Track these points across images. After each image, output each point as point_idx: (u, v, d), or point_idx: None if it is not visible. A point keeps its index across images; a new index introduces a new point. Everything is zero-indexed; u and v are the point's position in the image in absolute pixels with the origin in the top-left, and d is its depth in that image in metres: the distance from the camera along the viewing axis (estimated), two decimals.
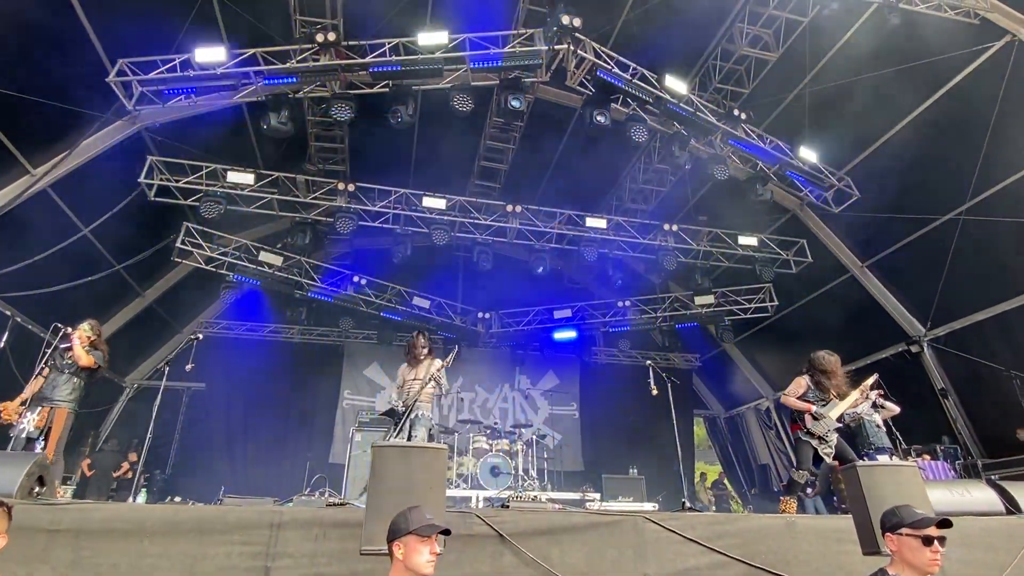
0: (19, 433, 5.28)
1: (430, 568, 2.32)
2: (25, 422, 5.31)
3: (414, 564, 2.31)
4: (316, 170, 10.93)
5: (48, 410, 5.42)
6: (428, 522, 2.37)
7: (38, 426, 5.33)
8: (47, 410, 5.41)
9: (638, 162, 12.13)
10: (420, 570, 2.31)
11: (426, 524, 2.35)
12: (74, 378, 5.62)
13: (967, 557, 3.98)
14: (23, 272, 8.27)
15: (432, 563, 2.33)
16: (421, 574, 2.31)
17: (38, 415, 5.36)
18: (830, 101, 9.22)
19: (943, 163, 8.58)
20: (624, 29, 9.00)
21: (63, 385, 5.53)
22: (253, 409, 13.40)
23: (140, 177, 8.95)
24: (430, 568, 2.32)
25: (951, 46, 7.70)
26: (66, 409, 5.51)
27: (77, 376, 5.64)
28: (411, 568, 2.32)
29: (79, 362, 5.57)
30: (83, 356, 5.58)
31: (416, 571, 2.32)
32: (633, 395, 13.77)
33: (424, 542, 2.33)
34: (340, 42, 7.72)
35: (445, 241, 10.33)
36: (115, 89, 7.51)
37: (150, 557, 3.39)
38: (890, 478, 3.57)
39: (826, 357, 5.58)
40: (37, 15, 6.80)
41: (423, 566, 2.31)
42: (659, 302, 13.45)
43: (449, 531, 2.42)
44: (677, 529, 3.96)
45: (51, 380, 5.54)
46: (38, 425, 5.33)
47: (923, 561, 2.33)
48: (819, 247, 11.23)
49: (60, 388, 5.51)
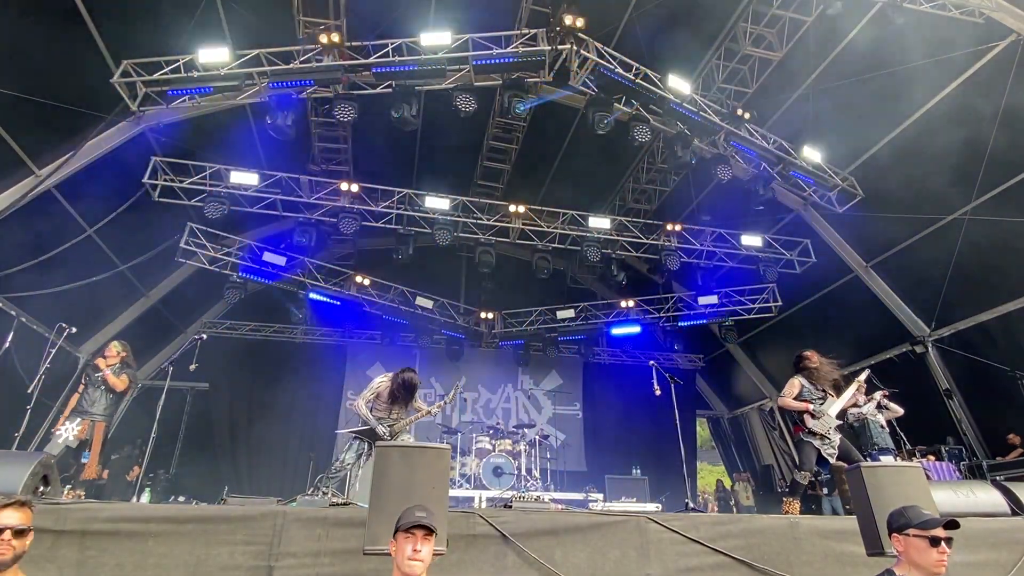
0: (57, 439, 5.48)
1: (414, 568, 2.24)
2: (64, 430, 5.52)
3: (398, 562, 2.27)
4: (319, 170, 10.96)
5: (88, 423, 5.65)
6: (415, 518, 2.30)
7: (79, 437, 5.54)
8: (87, 423, 5.64)
9: (641, 162, 12.13)
10: (403, 568, 2.25)
11: (407, 520, 2.30)
12: (109, 394, 5.88)
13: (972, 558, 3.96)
14: (28, 272, 8.31)
15: (415, 560, 2.24)
16: (405, 573, 2.25)
17: (79, 427, 5.57)
18: (834, 100, 9.20)
19: (948, 163, 8.53)
20: (627, 29, 8.99)
21: (99, 400, 5.80)
22: (256, 409, 13.43)
23: (144, 177, 8.99)
24: (414, 568, 2.24)
25: (956, 45, 7.66)
26: (103, 423, 5.78)
27: (111, 392, 5.89)
28: (397, 566, 2.27)
29: (115, 388, 5.83)
30: (117, 382, 5.84)
31: (400, 569, 2.26)
32: (636, 395, 13.72)
33: (407, 539, 2.28)
34: (343, 43, 7.74)
35: (448, 241, 10.33)
36: (119, 90, 7.54)
37: (154, 556, 3.40)
38: (894, 479, 3.55)
39: (807, 354, 5.74)
40: (42, 17, 6.83)
41: (405, 564, 2.25)
42: (662, 302, 13.44)
43: (431, 529, 2.32)
44: (680, 530, 3.94)
45: (88, 395, 5.79)
46: (79, 436, 5.54)
47: (930, 562, 2.32)
48: (823, 247, 11.19)
49: (97, 403, 5.78)
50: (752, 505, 13.89)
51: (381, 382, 5.99)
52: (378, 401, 5.96)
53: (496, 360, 14.92)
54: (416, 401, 6.04)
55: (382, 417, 5.91)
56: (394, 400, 5.88)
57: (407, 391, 5.83)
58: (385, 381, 5.97)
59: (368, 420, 5.80)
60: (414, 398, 5.98)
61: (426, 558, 2.29)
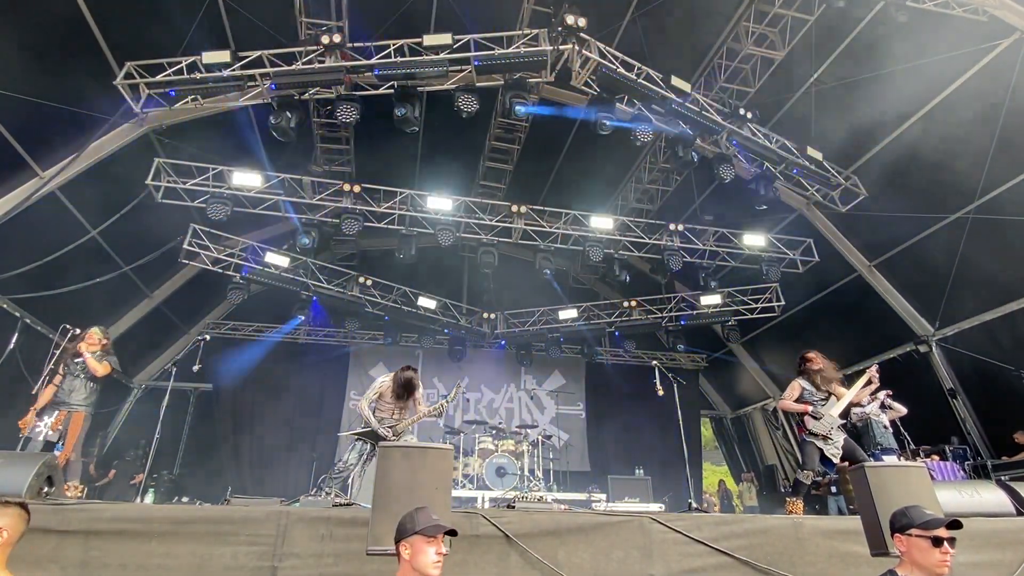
0: (36, 437, 5.32)
1: (436, 569, 2.33)
2: (42, 426, 5.35)
3: (420, 565, 2.33)
4: (321, 171, 10.98)
5: (65, 414, 5.48)
6: (434, 523, 2.38)
7: (55, 429, 5.38)
8: (64, 414, 5.47)
9: (643, 162, 12.11)
10: (426, 571, 2.33)
11: (432, 524, 2.37)
12: (89, 382, 5.72)
13: (976, 558, 3.95)
14: (32, 274, 8.35)
15: (438, 564, 2.34)
16: (427, 575, 2.33)
17: (54, 419, 5.40)
18: (837, 99, 9.17)
19: (951, 161, 8.50)
20: (629, 29, 8.98)
21: (79, 389, 5.62)
22: (259, 409, 13.48)
23: (147, 179, 9.01)
24: (436, 569, 2.33)
25: (959, 43, 7.64)
26: (83, 412, 5.60)
27: (92, 381, 5.74)
28: (417, 569, 2.33)
29: (95, 373, 5.67)
30: (98, 367, 5.67)
31: (422, 571, 2.33)
32: (639, 395, 13.75)
33: (430, 542, 2.35)
34: (345, 44, 7.75)
35: (450, 242, 10.33)
36: (122, 92, 7.56)
37: (158, 557, 3.41)
38: (898, 479, 3.55)
39: (809, 355, 5.74)
40: (45, 19, 6.85)
41: (429, 567, 2.33)
42: (665, 302, 13.42)
43: (455, 532, 2.43)
44: (683, 530, 3.94)
45: (67, 385, 5.60)
46: (54, 428, 5.38)
47: (933, 562, 2.31)
48: (826, 246, 11.15)
49: (76, 392, 5.60)
50: (755, 505, 13.88)
51: (383, 382, 6.02)
52: (381, 401, 5.98)
53: (498, 360, 14.93)
54: (418, 401, 6.05)
55: (384, 417, 5.92)
56: (397, 399, 5.90)
57: (406, 389, 5.86)
58: (387, 381, 6.00)
59: (369, 421, 5.82)
60: (415, 397, 5.97)
61: None
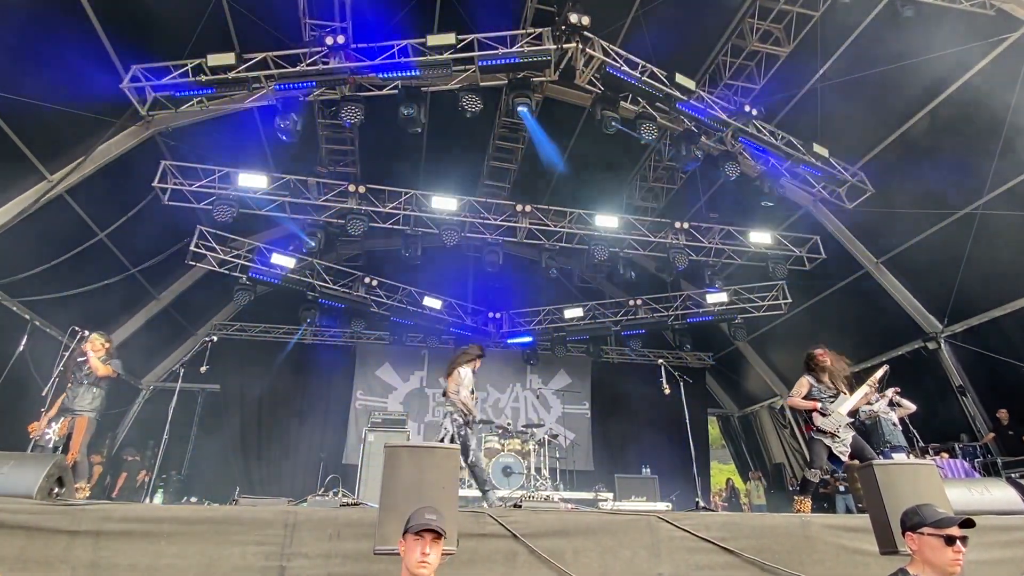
0: (45, 444, 5.46)
1: (423, 568, 2.30)
2: (50, 432, 5.49)
3: (409, 563, 2.32)
4: (327, 172, 11.00)
5: (69, 419, 5.62)
6: (421, 522, 2.34)
7: (60, 434, 5.51)
8: (68, 419, 5.61)
9: (648, 160, 12.08)
10: (414, 570, 2.31)
11: (417, 523, 2.34)
12: (94, 388, 5.82)
13: (987, 556, 3.91)
14: (41, 276, 8.42)
15: (423, 563, 2.30)
16: (415, 574, 2.30)
17: (60, 424, 5.54)
18: (843, 95, 9.11)
19: (959, 157, 8.44)
20: (633, 26, 8.95)
21: (83, 395, 5.74)
22: (267, 410, 13.54)
23: (154, 181, 9.06)
24: (423, 568, 2.30)
25: (966, 38, 7.57)
26: (87, 417, 5.71)
27: (96, 386, 5.84)
28: (408, 567, 2.32)
29: (97, 373, 5.75)
30: (100, 367, 5.76)
31: (411, 570, 2.31)
32: (645, 394, 13.71)
33: (417, 541, 2.33)
34: (349, 44, 7.76)
35: (455, 241, 10.34)
36: (129, 95, 7.60)
37: (167, 557, 3.43)
38: (908, 477, 3.52)
39: (817, 352, 5.69)
40: (51, 23, 6.90)
41: (415, 566, 2.30)
42: (671, 300, 13.38)
43: (440, 533, 2.37)
44: (691, 529, 3.93)
45: (72, 392, 5.73)
46: (60, 434, 5.51)
47: (944, 561, 2.29)
48: (833, 243, 11.09)
49: (80, 398, 5.72)
50: (763, 504, 13.82)
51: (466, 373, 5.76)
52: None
53: (504, 360, 14.91)
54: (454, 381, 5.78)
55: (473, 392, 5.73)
56: None
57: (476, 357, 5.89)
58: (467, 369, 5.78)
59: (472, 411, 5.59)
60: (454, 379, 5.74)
61: (434, 562, 2.34)
